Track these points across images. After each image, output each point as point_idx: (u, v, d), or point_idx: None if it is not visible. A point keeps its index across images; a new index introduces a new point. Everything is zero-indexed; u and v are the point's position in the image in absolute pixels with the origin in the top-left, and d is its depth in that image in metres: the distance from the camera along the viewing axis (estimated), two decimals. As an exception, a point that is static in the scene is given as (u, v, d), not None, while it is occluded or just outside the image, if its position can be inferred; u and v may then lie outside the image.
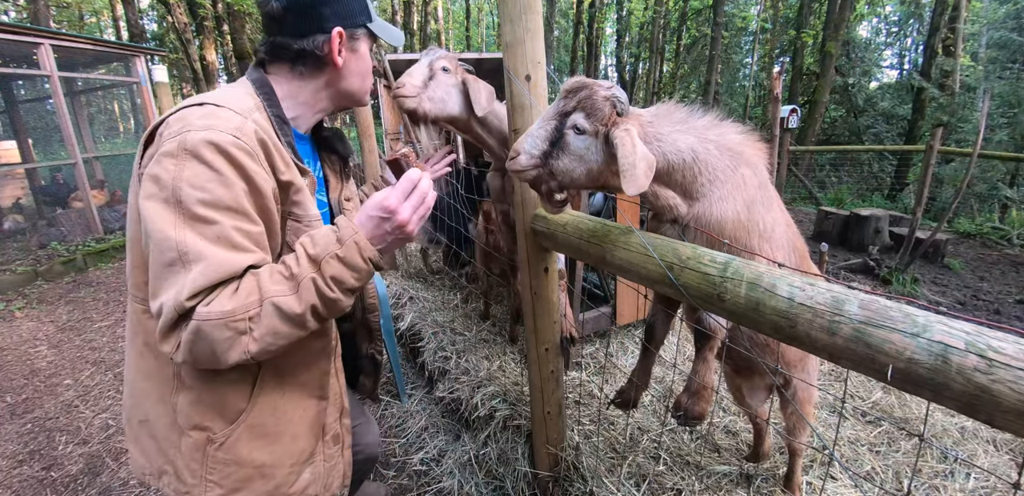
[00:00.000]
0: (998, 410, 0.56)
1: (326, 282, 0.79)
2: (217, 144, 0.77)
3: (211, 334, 0.73)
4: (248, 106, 0.88)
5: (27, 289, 4.56)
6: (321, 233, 0.84)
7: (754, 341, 1.30)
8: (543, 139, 1.09)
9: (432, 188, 0.89)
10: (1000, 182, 8.08)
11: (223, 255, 0.75)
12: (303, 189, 0.91)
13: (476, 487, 1.93)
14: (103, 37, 15.89)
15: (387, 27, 1.06)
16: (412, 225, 0.85)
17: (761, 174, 1.18)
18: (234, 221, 0.78)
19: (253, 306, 0.75)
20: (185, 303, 0.73)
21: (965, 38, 10.36)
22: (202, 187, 0.76)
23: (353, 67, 1.01)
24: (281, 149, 0.89)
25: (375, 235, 0.84)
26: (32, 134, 7.69)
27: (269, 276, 0.79)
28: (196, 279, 0.73)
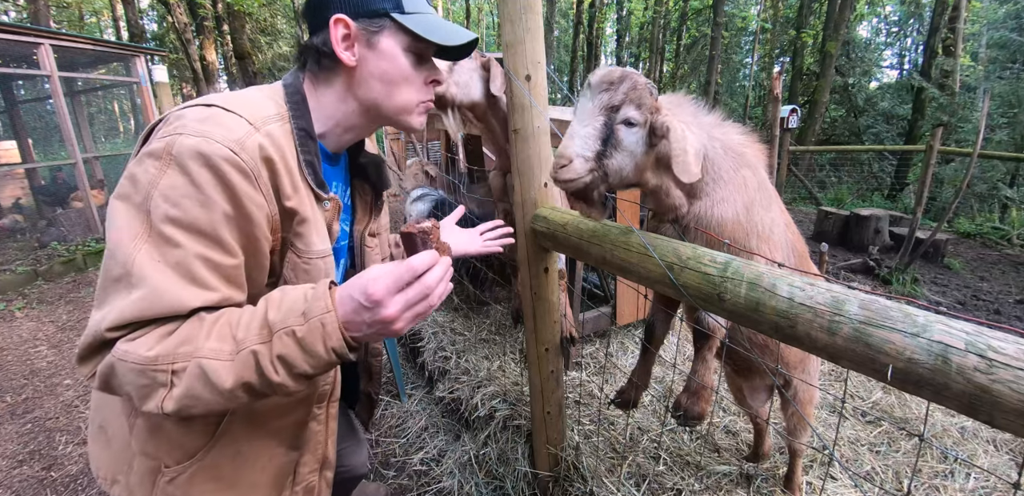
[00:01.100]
0: (998, 410, 0.56)
1: (271, 360, 0.64)
2: (207, 156, 0.66)
3: (126, 376, 0.63)
4: (266, 115, 0.76)
5: (27, 289, 4.56)
6: (293, 295, 0.68)
7: (753, 341, 1.30)
8: (594, 138, 0.98)
9: (447, 277, 0.70)
10: (1000, 182, 8.08)
11: (171, 287, 0.64)
12: (308, 221, 0.79)
13: (476, 487, 1.93)
14: (103, 37, 15.91)
15: (432, 23, 0.84)
16: (401, 323, 0.66)
17: (761, 175, 1.18)
18: (202, 248, 0.66)
19: (182, 358, 0.63)
20: (105, 333, 0.63)
21: (965, 38, 10.35)
22: (176, 202, 0.65)
23: (373, 68, 0.82)
24: (293, 170, 0.77)
25: (351, 321, 0.66)
26: (32, 134, 7.69)
27: (215, 325, 0.66)
28: (125, 309, 0.63)
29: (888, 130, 13.02)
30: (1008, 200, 7.25)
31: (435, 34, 0.82)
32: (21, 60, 6.31)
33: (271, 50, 17.74)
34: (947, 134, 9.05)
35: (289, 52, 18.70)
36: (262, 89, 0.83)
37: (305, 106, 0.82)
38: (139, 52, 6.40)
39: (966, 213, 7.58)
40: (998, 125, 9.23)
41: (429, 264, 0.67)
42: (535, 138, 1.30)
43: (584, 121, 0.99)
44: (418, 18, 0.83)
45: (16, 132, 7.06)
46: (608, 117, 0.99)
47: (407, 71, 0.84)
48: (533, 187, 1.35)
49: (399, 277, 0.65)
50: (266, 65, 16.72)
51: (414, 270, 0.65)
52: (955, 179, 8.28)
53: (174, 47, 15.28)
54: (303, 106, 0.82)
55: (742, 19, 17.07)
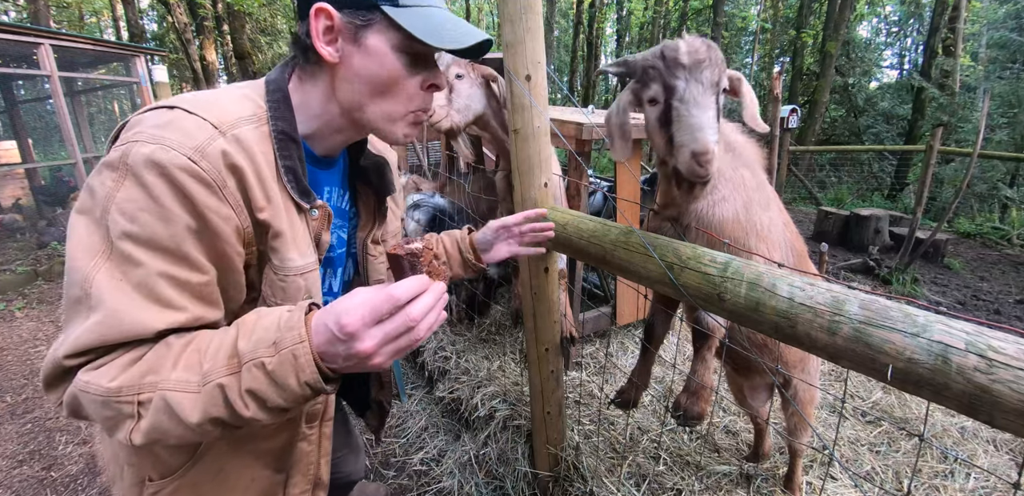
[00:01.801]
0: (998, 410, 0.56)
1: (240, 394, 0.58)
2: (162, 166, 0.59)
3: (90, 407, 0.59)
4: (238, 116, 0.68)
5: (27, 289, 4.56)
6: (266, 320, 0.62)
7: (752, 341, 1.30)
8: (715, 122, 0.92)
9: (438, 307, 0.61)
10: (1000, 182, 8.08)
11: (132, 309, 0.58)
12: (283, 234, 0.71)
13: (476, 487, 1.93)
14: (103, 37, 15.91)
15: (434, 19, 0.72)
16: (379, 358, 0.58)
17: (759, 176, 1.19)
18: (165, 266, 0.60)
19: (147, 389, 0.58)
20: (63, 361, 0.58)
21: (965, 38, 10.35)
22: (133, 217, 0.59)
23: (357, 67, 0.72)
24: (267, 178, 0.69)
25: (327, 352, 0.59)
26: (32, 134, 7.70)
27: (183, 352, 0.61)
28: (82, 335, 0.58)
29: (888, 130, 13.02)
30: (1008, 200, 7.25)
31: (435, 34, 0.70)
32: (21, 60, 6.31)
33: (271, 50, 17.73)
34: (947, 134, 9.06)
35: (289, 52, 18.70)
36: (242, 86, 0.75)
37: (287, 105, 0.74)
38: (139, 52, 6.40)
39: (966, 213, 7.58)
40: (998, 125, 9.23)
41: (415, 292, 0.59)
42: (535, 138, 1.30)
43: (703, 105, 0.91)
44: (416, 13, 0.71)
45: (16, 132, 7.07)
46: (718, 95, 0.95)
47: (397, 74, 0.73)
48: (533, 187, 1.35)
49: (376, 307, 0.57)
50: (266, 65, 16.71)
51: (395, 300, 0.57)
52: (955, 179, 8.28)
53: (174, 47, 15.29)
54: (285, 105, 0.73)
55: (742, 19, 17.08)
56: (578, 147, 2.14)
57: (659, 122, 0.97)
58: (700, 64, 0.92)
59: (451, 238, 1.15)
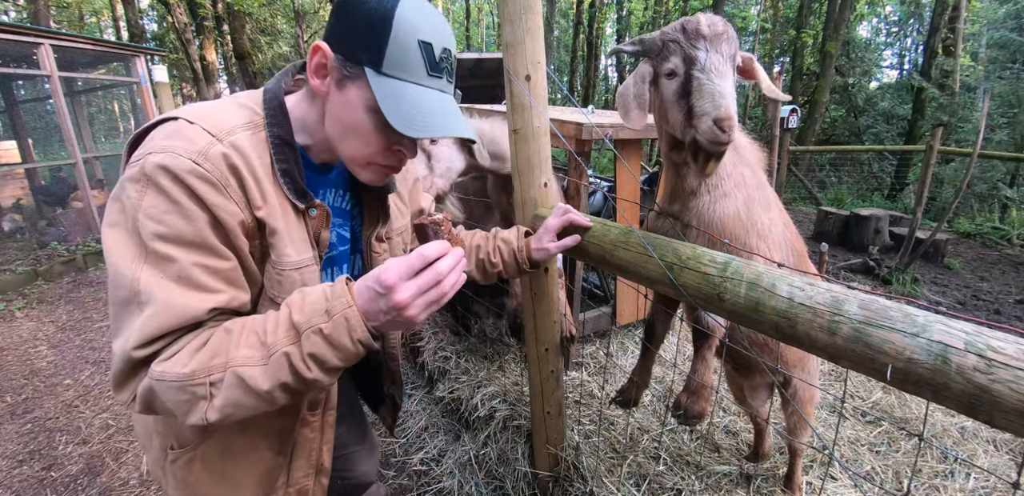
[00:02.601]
0: (998, 410, 0.56)
1: (303, 359, 0.67)
2: (171, 170, 0.66)
3: (166, 394, 0.66)
4: (234, 124, 0.74)
5: (27, 289, 4.56)
6: (313, 296, 0.70)
7: (753, 340, 1.30)
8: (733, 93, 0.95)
9: (459, 267, 0.71)
10: (1000, 182, 8.08)
11: (180, 297, 0.66)
12: (279, 232, 0.77)
13: (476, 487, 1.93)
14: (103, 37, 15.91)
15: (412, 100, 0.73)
16: (414, 310, 0.67)
17: (759, 175, 1.19)
18: (197, 257, 0.68)
19: (217, 370, 0.66)
20: (133, 354, 0.65)
21: (965, 38, 10.35)
22: (159, 219, 0.66)
23: (333, 107, 0.77)
24: (262, 179, 0.74)
25: (369, 310, 0.68)
26: (32, 134, 7.70)
27: (242, 335, 0.69)
28: (145, 326, 0.65)
29: (888, 130, 13.02)
30: (1008, 200, 7.25)
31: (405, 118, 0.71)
32: (21, 60, 6.31)
33: (271, 50, 17.73)
34: (947, 134, 9.06)
35: (289, 52, 18.70)
36: (239, 97, 0.81)
37: (283, 113, 0.79)
38: (139, 52, 6.40)
39: (966, 213, 7.58)
40: (998, 125, 9.23)
41: (440, 252, 0.69)
42: (535, 138, 1.30)
43: (723, 75, 0.94)
44: (396, 87, 0.72)
45: (16, 132, 7.07)
46: (734, 68, 0.97)
47: (365, 130, 0.77)
48: (533, 187, 1.35)
49: (411, 264, 0.67)
50: (266, 65, 16.71)
51: (425, 257, 0.68)
52: (955, 179, 8.28)
53: (174, 47, 15.29)
54: (280, 112, 0.78)
55: (742, 19, 17.07)
56: (578, 147, 2.14)
57: (677, 94, 0.99)
58: (719, 36, 0.95)
59: (508, 247, 1.21)
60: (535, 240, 1.20)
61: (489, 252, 1.20)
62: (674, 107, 1.00)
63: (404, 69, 0.73)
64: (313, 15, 17.96)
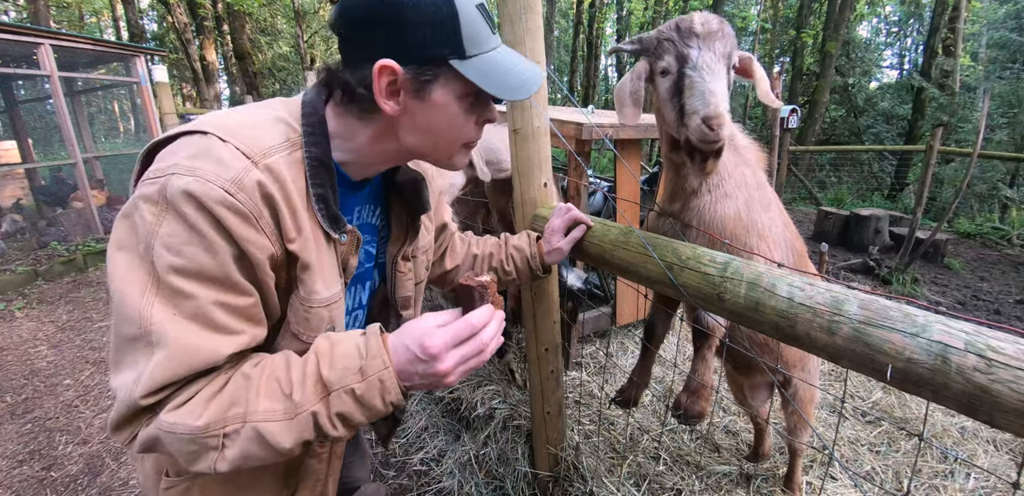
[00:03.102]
0: (998, 410, 0.56)
1: (330, 418, 0.63)
2: (199, 199, 0.59)
3: (173, 445, 0.60)
4: (271, 143, 0.67)
5: (27, 289, 4.56)
6: (345, 348, 0.66)
7: (753, 340, 1.30)
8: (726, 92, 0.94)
9: (499, 333, 0.69)
10: (1000, 182, 8.08)
11: (197, 339, 0.60)
12: (311, 267, 0.71)
13: (476, 487, 1.93)
14: (103, 37, 15.91)
15: (498, 65, 0.70)
16: (452, 377, 0.66)
17: (760, 176, 1.20)
18: (217, 294, 0.62)
19: (233, 421, 0.60)
20: (140, 402, 0.58)
21: (965, 38, 10.36)
22: (178, 251, 0.60)
23: (419, 120, 0.72)
24: (298, 208, 0.68)
25: (405, 371, 0.65)
26: (32, 134, 7.69)
27: (262, 382, 0.63)
28: (156, 373, 0.58)
29: (888, 130, 13.02)
30: (1008, 200, 7.25)
31: (500, 83, 0.69)
32: (21, 60, 6.31)
33: (271, 50, 17.74)
34: (947, 134, 9.06)
35: (289, 52, 18.71)
36: (275, 106, 0.74)
37: (323, 130, 0.72)
38: (139, 52, 6.39)
39: (966, 213, 7.58)
40: (998, 125, 9.23)
41: (486, 320, 0.68)
42: (535, 138, 1.30)
43: (715, 74, 0.93)
44: (482, 62, 0.69)
45: (16, 132, 7.06)
46: (728, 67, 0.97)
47: (458, 120, 0.74)
48: (533, 187, 1.35)
49: (458, 333, 0.66)
50: (266, 65, 16.72)
51: (473, 327, 0.66)
52: (955, 179, 8.28)
53: (174, 47, 15.29)
54: (320, 130, 0.72)
55: (742, 19, 17.06)
56: (578, 147, 2.14)
57: (670, 93, 0.99)
58: (712, 34, 0.95)
59: (521, 255, 1.18)
60: (545, 243, 1.19)
61: (503, 261, 1.18)
62: (667, 105, 1.00)
63: (479, 42, 0.69)
64: (313, 15, 17.96)
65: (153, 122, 6.40)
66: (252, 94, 11.01)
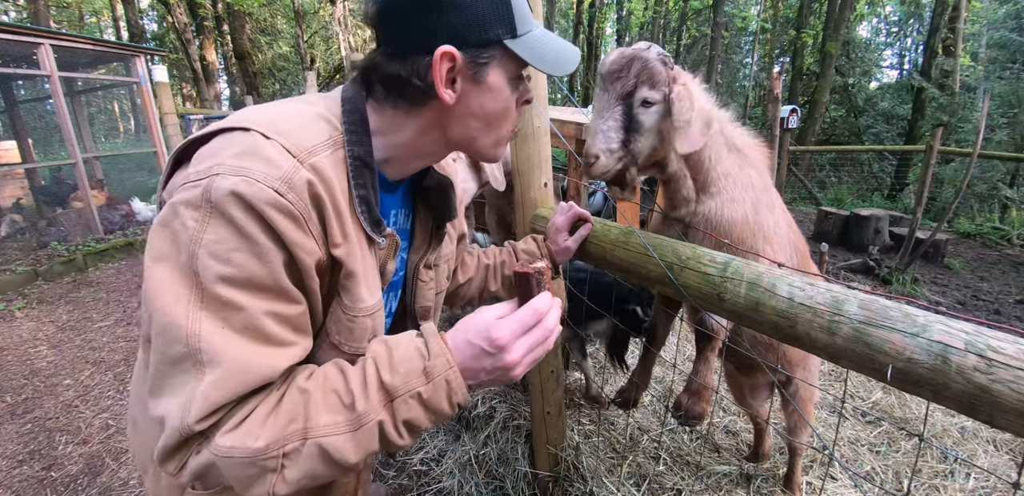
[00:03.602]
0: (998, 410, 0.56)
1: (396, 426, 0.59)
2: (248, 200, 0.55)
3: (230, 471, 0.56)
4: (316, 141, 0.63)
5: (27, 289, 4.56)
6: (404, 351, 0.62)
7: (757, 340, 1.30)
8: (616, 130, 0.99)
9: (559, 319, 0.66)
10: (1000, 182, 8.08)
11: (251, 354, 0.56)
12: (356, 274, 0.67)
13: (476, 487, 1.93)
14: (103, 37, 15.90)
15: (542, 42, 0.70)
16: (520, 369, 0.62)
17: (765, 177, 1.20)
18: (268, 304, 0.58)
19: (293, 439, 0.56)
20: (194, 427, 0.54)
21: (965, 38, 10.36)
22: (227, 259, 0.55)
23: (473, 105, 0.69)
24: (343, 211, 0.65)
25: (470, 368, 0.62)
26: (32, 134, 7.70)
27: (322, 395, 0.59)
28: (210, 394, 0.54)
29: (888, 130, 13.02)
30: (1008, 200, 7.25)
31: (548, 62, 0.69)
32: (21, 60, 6.31)
33: (271, 50, 17.74)
34: (947, 134, 9.06)
35: (289, 52, 18.70)
36: (314, 102, 0.70)
37: (365, 128, 0.69)
38: (139, 52, 6.39)
39: (966, 213, 7.58)
40: (998, 125, 9.23)
41: (549, 306, 0.64)
42: (535, 138, 1.30)
43: (603, 114, 0.99)
44: (530, 41, 0.69)
45: (16, 132, 7.07)
46: (625, 104, 0.99)
47: (509, 104, 0.72)
48: (533, 187, 1.35)
49: (524, 320, 0.62)
50: (266, 65, 16.72)
51: (539, 313, 0.62)
52: (955, 179, 8.28)
53: (174, 47, 15.29)
54: (362, 128, 0.68)
55: (742, 19, 17.06)
56: (578, 147, 2.14)
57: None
58: (612, 75, 0.99)
59: (533, 258, 1.17)
60: (551, 244, 1.19)
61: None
62: None
63: (526, 20, 0.69)
64: (313, 15, 17.96)
65: (153, 122, 6.40)
66: (252, 94, 11.01)
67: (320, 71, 15.98)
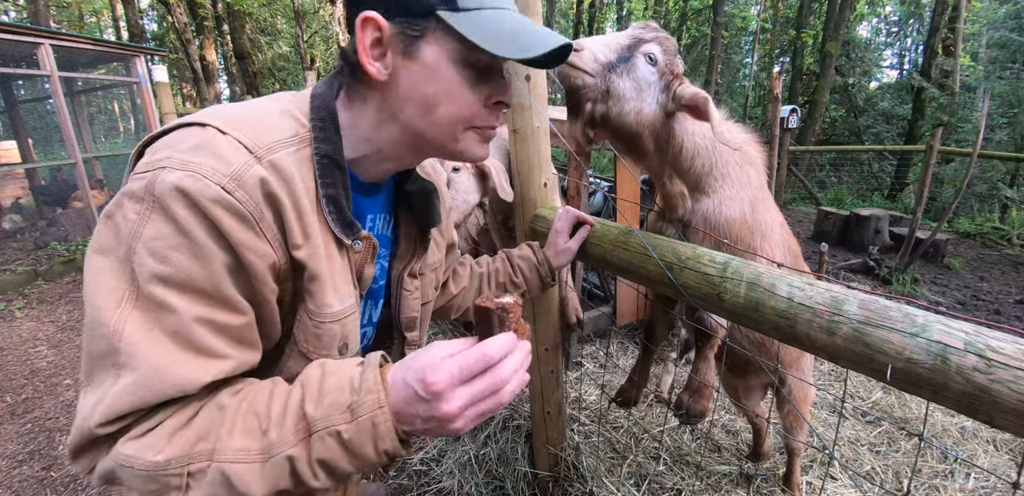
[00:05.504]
0: (997, 410, 0.56)
1: (310, 464, 0.52)
2: (192, 196, 0.52)
3: (131, 482, 0.52)
4: (278, 137, 0.60)
5: (27, 289, 4.56)
6: (336, 381, 0.55)
7: (751, 339, 1.30)
8: (613, 50, 0.96)
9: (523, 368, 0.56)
10: (1000, 182, 8.08)
11: (172, 363, 0.52)
12: (320, 277, 0.63)
13: (476, 487, 1.93)
14: (103, 37, 15.90)
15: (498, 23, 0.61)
16: (460, 423, 0.53)
17: (762, 175, 1.20)
18: (203, 309, 0.54)
19: (199, 459, 0.51)
20: (96, 430, 0.51)
21: (965, 38, 10.36)
22: (164, 257, 0.52)
23: (408, 85, 0.63)
24: (305, 210, 0.61)
25: (403, 413, 0.53)
26: (32, 134, 7.70)
27: (241, 416, 0.54)
28: (118, 400, 0.50)
29: (888, 130, 13.02)
30: (1008, 200, 7.25)
31: (500, 42, 0.59)
32: (21, 60, 6.31)
33: (271, 50, 17.74)
34: (947, 134, 9.06)
35: (289, 52, 18.70)
36: (284, 99, 0.67)
37: (334, 125, 0.65)
38: (139, 52, 6.39)
39: (966, 213, 7.58)
40: (998, 125, 9.23)
41: (506, 351, 0.54)
42: (535, 138, 1.30)
43: (609, 37, 0.98)
44: (477, 17, 0.60)
45: (16, 132, 7.07)
46: (634, 43, 0.98)
47: (457, 90, 0.63)
48: (533, 187, 1.35)
49: (468, 365, 0.52)
50: (266, 65, 16.72)
51: (488, 359, 0.53)
52: (955, 179, 8.28)
53: (174, 47, 15.30)
54: (331, 125, 0.64)
55: (742, 19, 17.06)
56: (578, 147, 2.14)
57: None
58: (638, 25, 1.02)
59: (528, 263, 1.16)
60: (550, 247, 1.18)
61: (510, 273, 1.15)
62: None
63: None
64: (313, 15, 17.97)
65: (153, 122, 6.40)
66: (252, 94, 11.02)
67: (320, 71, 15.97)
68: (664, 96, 1.01)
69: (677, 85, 1.01)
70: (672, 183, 1.14)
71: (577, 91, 0.96)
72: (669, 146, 1.08)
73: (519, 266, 1.16)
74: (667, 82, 1.01)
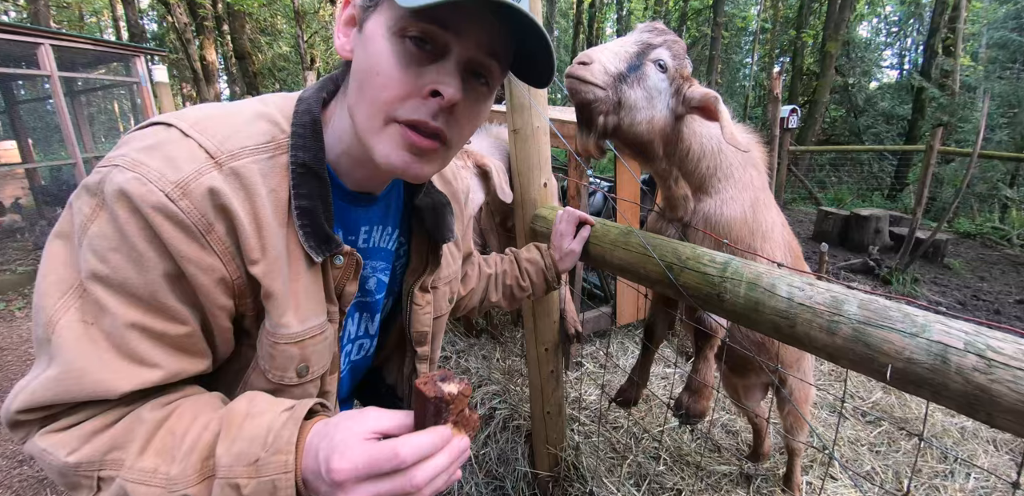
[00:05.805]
0: (997, 410, 0.56)
1: None
2: (134, 201, 0.49)
3: (49, 471, 0.52)
4: (247, 143, 0.56)
5: (27, 289, 4.56)
6: (255, 425, 0.51)
7: (751, 340, 1.30)
8: (622, 59, 0.93)
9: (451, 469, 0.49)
10: (1000, 182, 8.08)
11: (95, 365, 0.50)
12: (275, 296, 0.58)
13: (476, 487, 1.93)
14: (103, 37, 15.90)
15: None
16: None
17: (764, 176, 1.20)
18: (137, 315, 0.51)
19: (110, 467, 0.50)
20: (14, 416, 0.51)
21: (965, 38, 10.36)
22: (104, 257, 0.50)
23: (356, 62, 0.58)
24: (266, 224, 0.56)
25: (309, 481, 0.49)
26: (32, 134, 7.70)
27: (156, 432, 0.51)
28: (39, 391, 0.49)
29: (888, 130, 13.02)
30: (1008, 200, 7.25)
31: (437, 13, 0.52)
32: (21, 60, 6.31)
33: (271, 50, 17.74)
34: (947, 134, 9.06)
35: (289, 52, 18.70)
36: (269, 102, 0.63)
37: (314, 131, 0.60)
38: (139, 52, 6.39)
39: (966, 213, 7.58)
40: (998, 125, 9.22)
41: (426, 454, 0.47)
42: (535, 138, 1.30)
43: (618, 44, 0.95)
44: None
45: (16, 132, 7.07)
46: (643, 49, 0.96)
47: (384, 64, 0.54)
48: (533, 187, 1.35)
49: (375, 462, 0.46)
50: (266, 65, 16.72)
51: (398, 462, 0.45)
52: (955, 179, 8.28)
53: (174, 47, 15.29)
54: (311, 131, 0.60)
55: (742, 19, 17.08)
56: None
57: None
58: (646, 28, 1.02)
59: (536, 267, 1.15)
60: (555, 250, 1.18)
61: (517, 277, 1.14)
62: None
63: None
64: (313, 15, 17.97)
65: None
66: (252, 94, 11.02)
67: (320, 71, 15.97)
68: (674, 100, 1.01)
69: (687, 88, 1.00)
70: (677, 186, 1.14)
71: (589, 105, 0.93)
72: (677, 149, 1.08)
73: (527, 270, 1.15)
74: (677, 86, 1.01)
